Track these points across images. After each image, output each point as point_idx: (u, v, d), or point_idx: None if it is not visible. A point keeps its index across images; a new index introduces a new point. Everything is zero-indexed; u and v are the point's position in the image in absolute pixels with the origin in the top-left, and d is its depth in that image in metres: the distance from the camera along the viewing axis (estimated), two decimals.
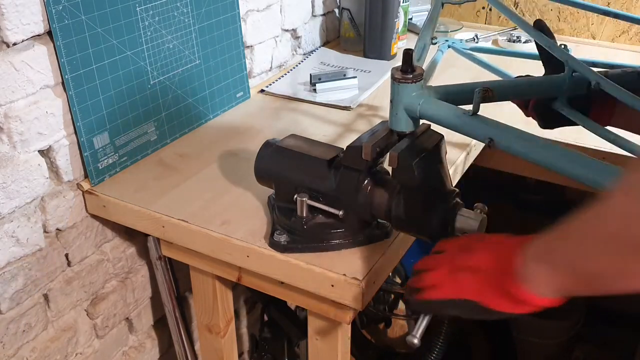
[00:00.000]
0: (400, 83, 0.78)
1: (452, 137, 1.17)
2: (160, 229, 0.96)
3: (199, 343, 1.19)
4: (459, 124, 0.76)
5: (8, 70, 0.87)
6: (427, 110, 0.78)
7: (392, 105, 0.80)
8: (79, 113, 0.98)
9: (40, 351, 1.03)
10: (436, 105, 0.78)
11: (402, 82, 0.78)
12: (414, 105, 0.78)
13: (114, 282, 1.16)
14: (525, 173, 1.25)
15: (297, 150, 0.88)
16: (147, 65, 1.08)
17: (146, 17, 1.06)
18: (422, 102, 0.78)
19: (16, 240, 0.94)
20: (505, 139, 0.73)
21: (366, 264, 0.84)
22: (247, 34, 1.36)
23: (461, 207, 0.79)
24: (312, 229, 0.86)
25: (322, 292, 0.85)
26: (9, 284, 0.95)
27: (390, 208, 0.81)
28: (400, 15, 1.60)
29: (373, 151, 0.78)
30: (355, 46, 1.65)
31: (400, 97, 0.79)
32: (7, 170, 0.90)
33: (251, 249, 0.88)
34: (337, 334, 0.94)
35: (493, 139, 0.73)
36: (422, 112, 0.78)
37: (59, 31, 0.91)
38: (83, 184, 1.02)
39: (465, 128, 0.76)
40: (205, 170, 1.08)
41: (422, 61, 1.02)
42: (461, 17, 1.90)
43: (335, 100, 1.34)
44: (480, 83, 0.82)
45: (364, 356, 1.76)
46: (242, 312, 1.58)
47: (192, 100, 1.21)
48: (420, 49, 1.02)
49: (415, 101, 0.78)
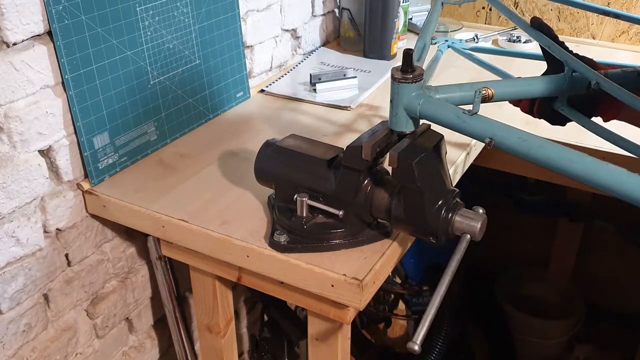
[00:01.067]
0: (400, 83, 0.78)
1: (452, 137, 1.17)
2: (160, 229, 0.96)
3: (199, 343, 1.19)
4: (458, 123, 0.76)
5: (8, 70, 0.87)
6: (427, 110, 0.78)
7: (392, 106, 0.80)
8: (79, 113, 0.98)
9: (40, 351, 1.03)
10: (436, 105, 0.78)
11: (402, 82, 0.78)
12: (414, 105, 0.78)
13: (114, 282, 1.16)
14: (525, 173, 1.25)
15: (297, 150, 0.88)
16: (147, 65, 1.08)
17: (146, 17, 1.06)
18: (422, 102, 0.78)
19: (16, 240, 0.94)
20: (505, 139, 0.72)
21: (366, 264, 0.84)
22: (247, 34, 1.36)
23: (461, 207, 0.79)
24: (312, 229, 0.86)
25: (322, 292, 0.85)
26: (9, 284, 0.95)
27: (390, 208, 0.81)
28: (400, 15, 1.60)
29: (373, 151, 0.78)
30: (355, 46, 1.65)
31: (400, 97, 0.78)
32: (7, 170, 0.90)
33: (251, 249, 0.88)
34: (337, 334, 0.94)
35: (493, 139, 0.72)
36: (422, 112, 0.78)
37: (59, 31, 0.91)
38: (83, 184, 1.02)
39: (465, 128, 0.76)
40: (205, 170, 1.08)
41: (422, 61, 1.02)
42: (461, 17, 1.90)
43: (335, 100, 1.34)
44: (480, 83, 0.82)
45: (364, 356, 1.76)
46: (242, 312, 1.58)
47: (192, 100, 1.21)
48: (420, 49, 1.01)
49: (415, 101, 0.78)
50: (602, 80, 0.75)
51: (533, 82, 0.86)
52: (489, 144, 0.73)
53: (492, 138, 0.72)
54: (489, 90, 0.81)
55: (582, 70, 0.78)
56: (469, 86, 0.82)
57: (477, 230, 0.77)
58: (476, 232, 0.77)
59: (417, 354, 0.68)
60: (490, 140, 0.73)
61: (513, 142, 0.72)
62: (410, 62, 0.78)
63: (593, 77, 0.76)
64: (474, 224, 0.76)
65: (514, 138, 0.72)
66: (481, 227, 0.77)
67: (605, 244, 1.95)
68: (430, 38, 1.03)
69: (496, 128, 0.73)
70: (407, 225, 0.81)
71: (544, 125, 1.17)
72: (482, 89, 0.79)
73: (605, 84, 0.74)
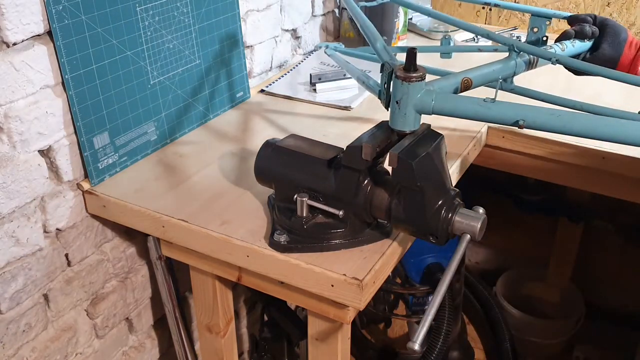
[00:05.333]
0: (411, 83, 0.78)
1: (452, 137, 1.17)
2: (160, 229, 0.96)
3: (199, 343, 1.19)
4: (483, 112, 0.78)
5: (8, 70, 0.87)
6: (443, 105, 0.80)
7: (400, 106, 0.79)
8: (79, 113, 0.98)
9: (40, 351, 1.03)
10: (452, 99, 0.81)
11: (413, 81, 0.78)
12: (426, 102, 0.79)
13: (114, 282, 1.16)
14: (525, 173, 1.25)
15: (297, 150, 0.88)
16: (147, 65, 1.08)
17: (146, 17, 1.06)
18: (435, 98, 0.79)
19: (16, 240, 0.94)
20: (537, 117, 0.76)
21: (366, 264, 0.84)
22: (247, 34, 1.36)
23: (461, 207, 0.79)
24: (312, 229, 0.86)
25: (322, 292, 0.85)
26: (9, 284, 0.95)
27: (390, 208, 0.81)
28: (400, 15, 1.60)
29: (373, 151, 0.78)
30: (355, 46, 1.65)
31: (410, 97, 0.79)
32: (7, 170, 0.90)
33: (251, 249, 0.88)
34: (337, 334, 0.94)
35: (523, 120, 0.75)
36: (437, 108, 0.80)
37: (59, 31, 0.91)
38: (83, 184, 1.02)
39: (491, 115, 0.78)
40: (205, 170, 1.08)
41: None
42: (461, 17, 1.90)
43: (335, 100, 1.34)
44: (460, 74, 0.86)
45: (364, 356, 1.76)
46: (242, 312, 1.58)
47: (192, 100, 1.21)
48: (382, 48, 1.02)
49: (427, 98, 0.79)
50: (560, 58, 0.86)
51: (497, 68, 0.92)
52: (521, 125, 0.75)
53: (522, 119, 0.75)
54: (469, 79, 0.86)
55: (529, 50, 0.91)
56: (453, 77, 0.86)
57: (477, 230, 0.77)
58: (476, 232, 0.77)
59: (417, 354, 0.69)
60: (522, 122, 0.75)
61: (546, 120, 0.75)
62: (415, 61, 0.78)
63: (548, 55, 0.88)
64: (474, 224, 0.76)
65: (545, 116, 0.75)
66: (481, 227, 0.77)
67: (605, 244, 1.94)
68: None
69: (524, 109, 0.77)
70: (407, 225, 0.81)
71: None
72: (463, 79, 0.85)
73: (564, 60, 0.87)
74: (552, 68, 0.94)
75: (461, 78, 0.85)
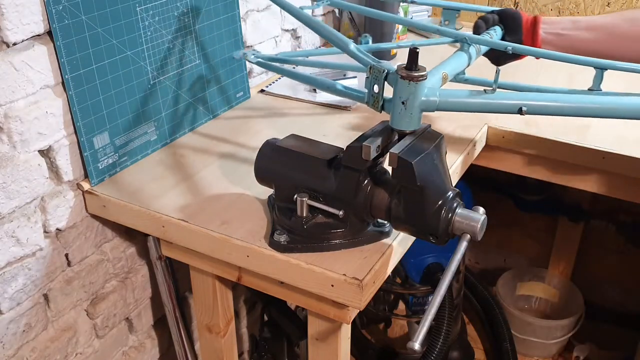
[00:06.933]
0: (418, 82, 0.78)
1: (452, 136, 1.17)
2: (160, 228, 0.96)
3: (199, 343, 1.20)
4: (485, 103, 0.81)
5: (8, 70, 0.87)
6: (448, 101, 0.81)
7: (407, 106, 0.79)
8: (79, 113, 0.98)
9: (40, 351, 1.03)
10: (454, 93, 0.82)
11: (420, 80, 0.78)
12: (431, 100, 0.80)
13: (114, 282, 1.16)
14: (525, 173, 1.25)
15: (297, 150, 0.88)
16: (147, 65, 1.08)
17: (146, 17, 1.06)
18: (439, 94, 0.80)
19: (16, 240, 0.94)
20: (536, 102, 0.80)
21: (366, 264, 0.84)
22: (247, 34, 1.36)
23: (461, 207, 0.79)
24: (312, 229, 0.86)
25: (322, 292, 0.85)
26: (9, 284, 0.95)
27: (390, 208, 0.81)
28: (400, 15, 1.60)
29: (373, 151, 0.78)
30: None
31: (416, 96, 0.79)
32: (7, 170, 0.90)
33: (251, 249, 0.88)
34: (337, 333, 0.94)
35: (524, 107, 0.79)
36: (442, 104, 0.81)
37: (59, 31, 0.91)
38: (83, 184, 1.02)
39: (495, 105, 0.81)
40: (205, 170, 1.08)
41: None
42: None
43: (335, 100, 1.34)
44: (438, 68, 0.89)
45: (364, 356, 1.76)
46: (242, 312, 1.58)
47: (192, 100, 1.21)
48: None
49: (432, 96, 0.80)
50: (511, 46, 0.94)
51: (459, 59, 0.97)
52: (524, 112, 0.79)
53: (523, 106, 0.79)
54: (446, 74, 0.89)
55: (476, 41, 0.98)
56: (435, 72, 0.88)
57: (477, 230, 0.76)
58: (476, 232, 0.77)
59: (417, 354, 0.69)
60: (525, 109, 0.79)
61: (545, 105, 0.80)
62: (417, 60, 0.78)
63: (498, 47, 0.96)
64: (474, 224, 0.76)
65: (544, 100, 0.80)
66: (481, 227, 0.77)
67: (605, 244, 1.95)
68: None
69: (524, 97, 0.82)
70: (407, 225, 0.81)
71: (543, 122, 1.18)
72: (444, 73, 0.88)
73: (519, 49, 0.94)
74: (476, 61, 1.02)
75: (441, 72, 0.88)
